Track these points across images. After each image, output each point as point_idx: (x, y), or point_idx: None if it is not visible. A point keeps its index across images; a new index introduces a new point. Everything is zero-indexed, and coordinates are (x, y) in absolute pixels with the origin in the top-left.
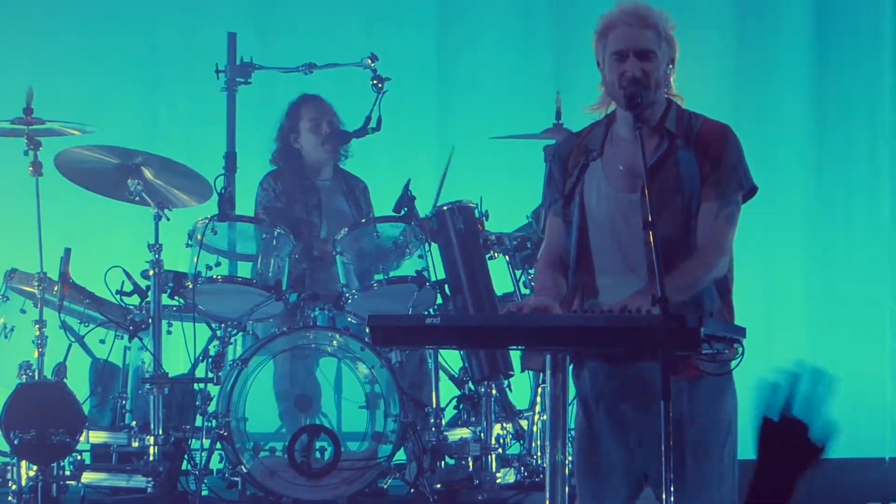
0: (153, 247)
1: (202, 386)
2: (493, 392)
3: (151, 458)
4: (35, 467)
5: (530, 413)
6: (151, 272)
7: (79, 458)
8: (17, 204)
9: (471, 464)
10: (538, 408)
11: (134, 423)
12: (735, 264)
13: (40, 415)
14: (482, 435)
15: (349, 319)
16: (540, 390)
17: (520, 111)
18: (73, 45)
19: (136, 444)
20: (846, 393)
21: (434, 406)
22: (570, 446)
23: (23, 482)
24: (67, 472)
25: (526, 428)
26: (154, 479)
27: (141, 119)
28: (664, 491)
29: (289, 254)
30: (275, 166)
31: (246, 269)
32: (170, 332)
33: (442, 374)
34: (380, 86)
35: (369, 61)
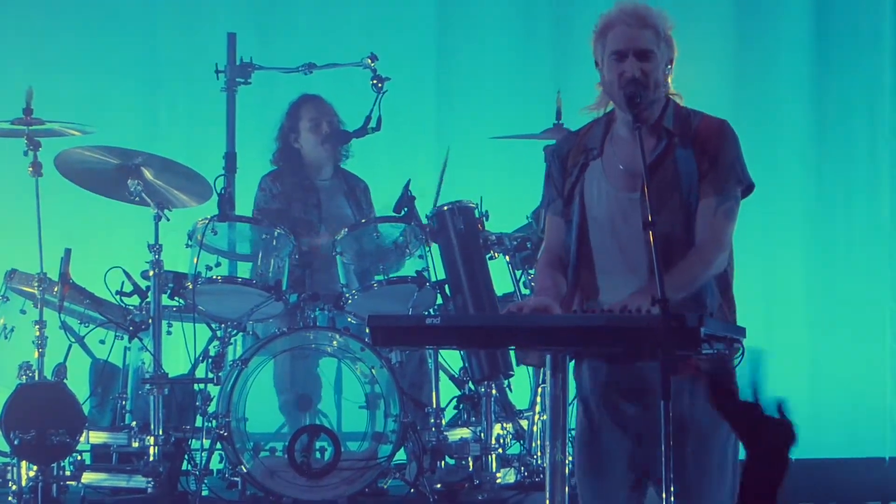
0: (153, 247)
1: (202, 386)
2: (493, 392)
3: (151, 459)
4: (35, 467)
5: (530, 413)
6: (151, 272)
7: (79, 458)
8: (17, 204)
9: (471, 464)
10: (538, 408)
11: (134, 424)
12: (735, 265)
13: (40, 415)
14: (482, 435)
15: (349, 320)
16: (540, 390)
17: (520, 111)
18: (73, 45)
19: (136, 445)
20: (846, 393)
21: (434, 406)
22: (570, 446)
23: (23, 482)
24: (67, 473)
25: (526, 428)
26: (154, 480)
27: (141, 119)
28: (664, 491)
29: (289, 254)
30: (275, 166)
31: (246, 270)
32: (170, 333)
33: (442, 374)
34: (380, 86)
35: (369, 61)
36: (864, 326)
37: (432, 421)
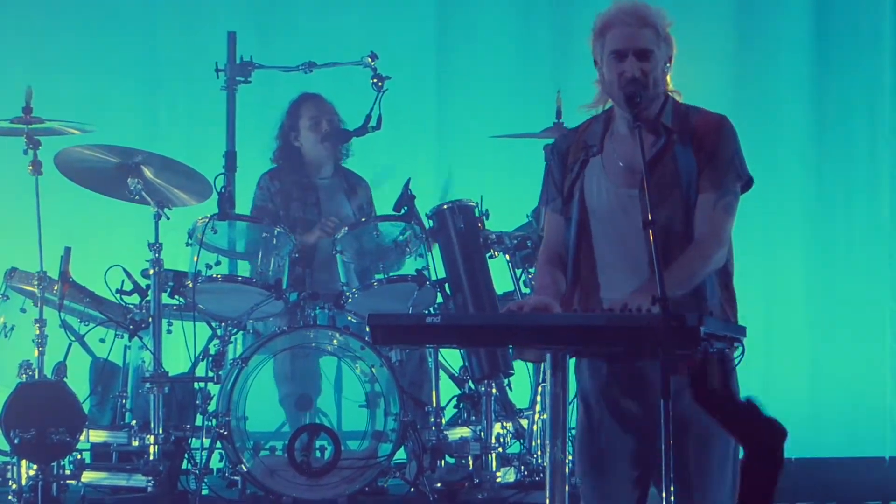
0: (153, 246)
1: (202, 385)
2: (494, 391)
3: (151, 458)
4: (35, 466)
5: (530, 412)
6: (151, 271)
7: (79, 457)
8: (16, 203)
9: (471, 463)
10: (538, 407)
11: (134, 423)
12: (735, 265)
13: (40, 414)
14: (482, 434)
15: (349, 318)
16: (540, 389)
17: (520, 110)
18: (73, 44)
19: (136, 444)
20: (846, 393)
21: (434, 405)
22: (570, 445)
23: (23, 481)
24: (67, 472)
25: (526, 427)
26: (154, 479)
27: (141, 118)
28: (664, 490)
29: (289, 253)
30: (275, 164)
31: (246, 268)
32: (170, 331)
33: (442, 372)
34: (380, 84)
35: (369, 60)
36: (864, 326)
37: (432, 420)
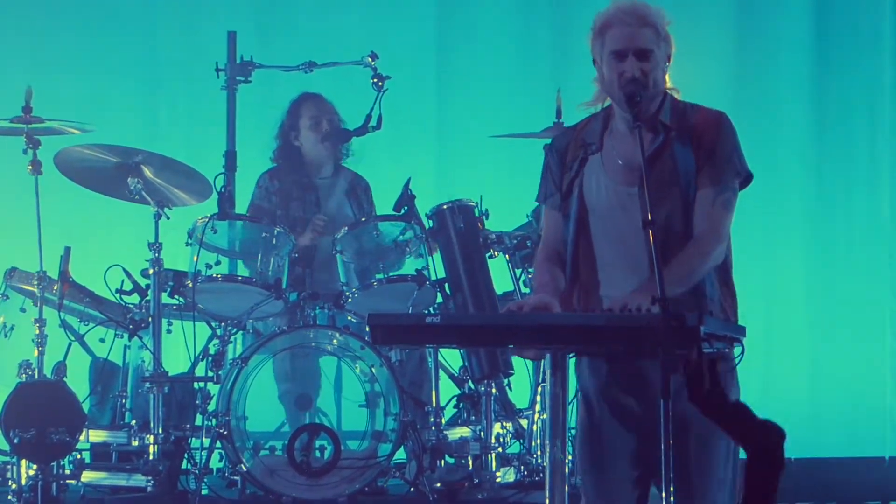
0: (153, 245)
1: (202, 385)
2: (493, 391)
3: (151, 457)
4: (35, 466)
5: (530, 412)
6: (151, 271)
7: (78, 456)
8: (16, 203)
9: (471, 463)
10: (538, 407)
11: (134, 422)
12: (735, 265)
13: (40, 414)
14: (482, 434)
15: (349, 318)
16: (540, 389)
17: (519, 109)
18: (73, 43)
19: (135, 443)
20: (846, 392)
21: (434, 405)
22: (570, 445)
23: (23, 481)
24: (67, 471)
25: (526, 427)
26: (154, 478)
27: (141, 118)
28: (664, 490)
29: (289, 252)
30: (275, 164)
31: (245, 268)
32: (170, 331)
33: (442, 372)
34: (380, 84)
35: (370, 59)
36: (864, 326)
37: (432, 420)
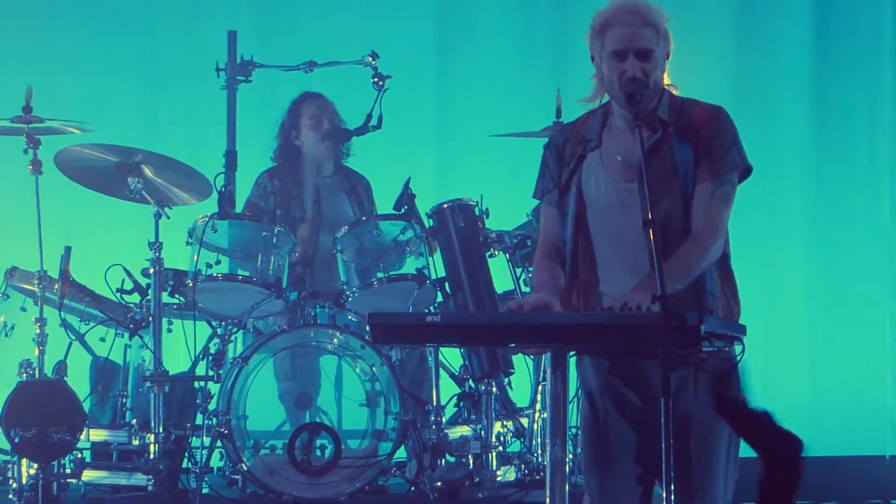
0: (153, 245)
1: (203, 384)
2: (494, 390)
3: (152, 456)
4: (36, 465)
5: (531, 411)
6: (152, 270)
7: (79, 456)
8: (16, 202)
9: (471, 462)
10: (538, 405)
11: (134, 421)
12: (735, 265)
13: (41, 413)
14: (482, 433)
15: (349, 317)
16: (540, 388)
17: (520, 109)
18: (73, 43)
19: (136, 442)
20: (846, 392)
21: (434, 404)
22: (570, 444)
23: (23, 480)
24: (68, 470)
25: (526, 426)
26: (154, 477)
27: (141, 117)
28: (665, 489)
29: (289, 252)
30: (276, 163)
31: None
32: (170, 330)
33: (442, 371)
34: (381, 83)
35: (370, 59)
36: (865, 326)
37: (433, 419)
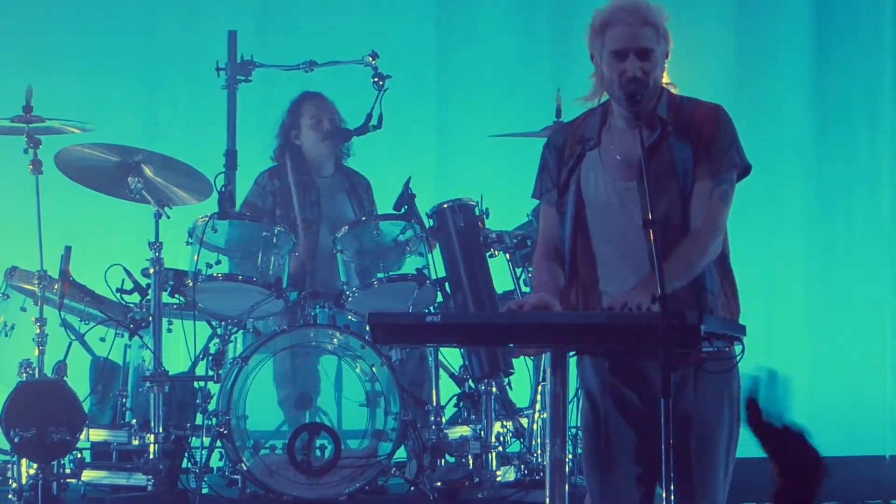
0: (153, 245)
1: (202, 384)
2: (494, 390)
3: (152, 456)
4: (35, 465)
5: (530, 411)
6: (152, 270)
7: (79, 456)
8: (17, 202)
9: (471, 462)
10: (538, 406)
11: (134, 421)
12: (735, 265)
13: (41, 413)
14: (482, 433)
15: (349, 317)
16: (540, 388)
17: (519, 109)
18: (74, 43)
19: (136, 442)
20: (846, 391)
21: (434, 404)
22: (570, 444)
23: (23, 480)
24: (68, 470)
25: (526, 426)
26: (154, 477)
27: (141, 117)
28: (665, 489)
29: (289, 251)
30: (276, 163)
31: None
32: (170, 330)
33: (442, 371)
34: (381, 83)
35: (370, 59)
36: (865, 326)
37: (432, 419)
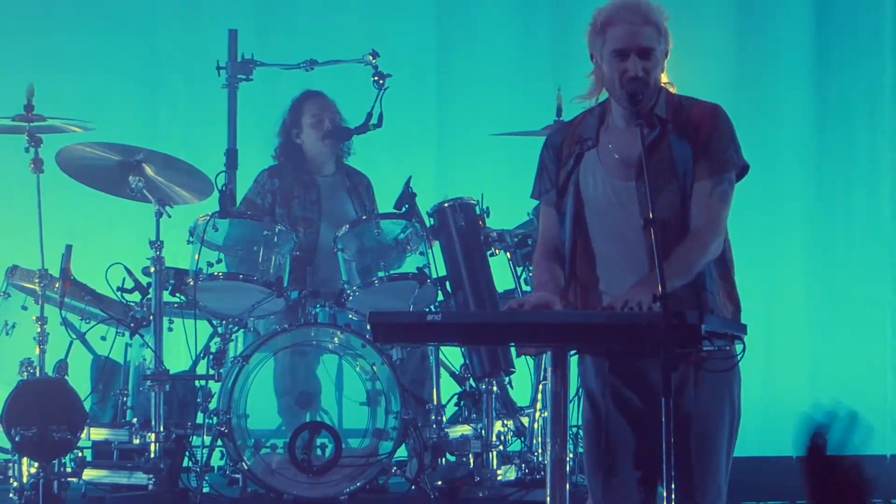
0: (154, 244)
1: (203, 383)
2: (494, 389)
3: (152, 455)
4: (36, 464)
5: (531, 410)
6: (152, 269)
7: (80, 454)
8: (18, 201)
9: (472, 461)
10: (539, 405)
11: (135, 420)
12: (735, 265)
13: (41, 412)
14: (483, 432)
15: (350, 316)
16: (541, 387)
17: (520, 108)
18: (75, 42)
19: (137, 441)
20: (847, 391)
21: (435, 403)
22: (571, 443)
23: (24, 479)
24: (69, 469)
25: (527, 425)
26: (155, 476)
27: (142, 116)
28: (665, 489)
29: (290, 251)
30: (277, 161)
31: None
32: (171, 329)
33: (443, 370)
34: (381, 82)
35: (370, 58)
36: (865, 326)
37: (433, 418)
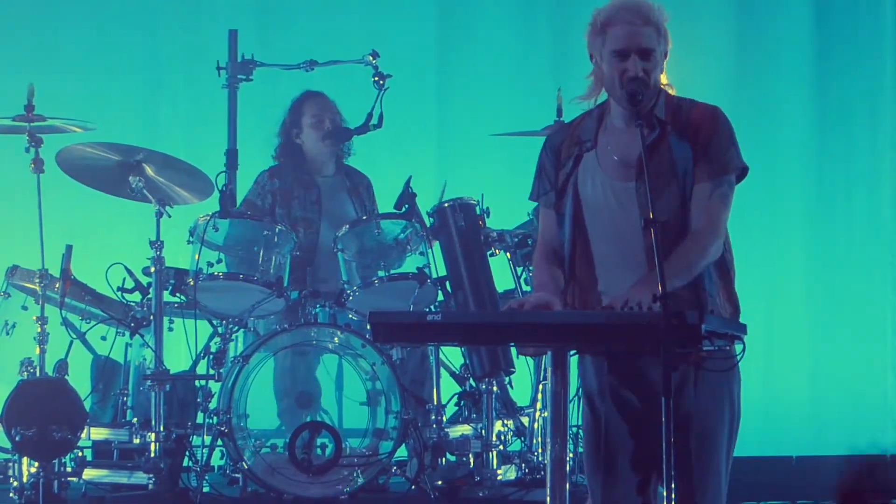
0: (154, 244)
1: (203, 383)
2: (495, 389)
3: (153, 455)
4: (36, 464)
5: (531, 410)
6: (153, 269)
7: (80, 454)
8: (18, 201)
9: (472, 460)
10: (539, 404)
11: (135, 420)
12: (735, 265)
13: (42, 411)
14: (483, 432)
15: (350, 316)
16: (541, 387)
17: (520, 108)
18: (75, 42)
19: (137, 441)
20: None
21: (435, 403)
22: (571, 442)
23: (24, 479)
24: (69, 469)
25: (527, 425)
26: (155, 476)
27: (142, 116)
28: (666, 488)
29: (290, 251)
30: (277, 162)
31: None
32: (171, 329)
33: (443, 370)
34: (381, 82)
35: (370, 58)
36: (865, 326)
37: (433, 417)
